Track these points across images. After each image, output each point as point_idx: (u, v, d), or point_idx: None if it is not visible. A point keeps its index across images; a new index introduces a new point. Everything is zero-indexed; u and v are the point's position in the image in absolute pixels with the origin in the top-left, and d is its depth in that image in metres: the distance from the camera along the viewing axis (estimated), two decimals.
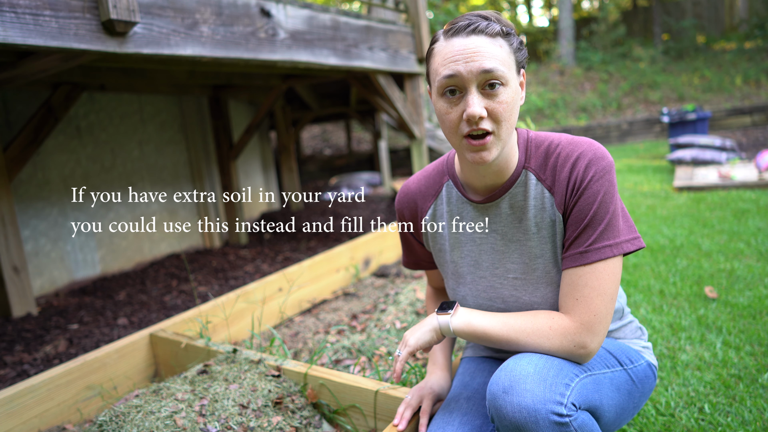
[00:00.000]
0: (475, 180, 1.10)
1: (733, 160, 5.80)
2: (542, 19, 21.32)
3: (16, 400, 1.59)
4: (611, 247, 0.97)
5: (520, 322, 1.00)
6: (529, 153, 1.08)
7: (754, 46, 11.72)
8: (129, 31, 2.10)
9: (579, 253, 0.99)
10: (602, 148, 1.02)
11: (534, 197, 1.06)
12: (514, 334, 1.00)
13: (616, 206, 0.99)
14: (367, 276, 3.18)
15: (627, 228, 1.00)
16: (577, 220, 1.00)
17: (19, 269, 3.01)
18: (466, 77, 0.95)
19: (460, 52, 0.96)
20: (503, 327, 1.01)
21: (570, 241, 1.00)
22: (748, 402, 1.55)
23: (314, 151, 11.67)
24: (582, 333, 0.97)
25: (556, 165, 1.03)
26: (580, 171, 0.99)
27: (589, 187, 0.98)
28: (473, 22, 0.97)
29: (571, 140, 1.04)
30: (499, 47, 0.97)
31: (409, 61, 4.05)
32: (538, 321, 1.00)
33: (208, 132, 4.89)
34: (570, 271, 1.00)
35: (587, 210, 0.98)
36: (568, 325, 0.97)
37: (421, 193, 1.23)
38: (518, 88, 1.01)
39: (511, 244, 1.10)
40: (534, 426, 0.88)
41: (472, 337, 1.04)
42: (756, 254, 2.85)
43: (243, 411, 1.43)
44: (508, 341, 1.00)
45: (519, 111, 1.05)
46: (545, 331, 0.98)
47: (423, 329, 1.07)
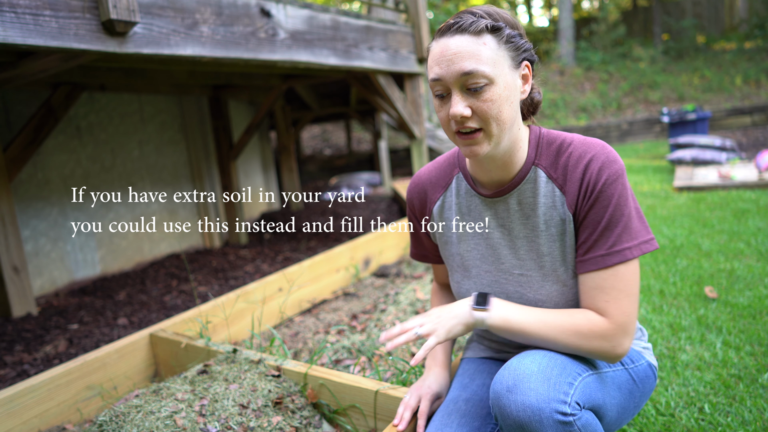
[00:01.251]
0: (482, 174, 1.11)
1: (733, 160, 5.79)
2: (542, 19, 21.34)
3: (16, 400, 1.59)
4: (631, 249, 0.98)
5: (560, 322, 0.99)
6: (540, 150, 1.08)
7: (754, 46, 11.72)
8: (129, 31, 2.10)
9: (600, 256, 0.99)
10: (613, 151, 1.02)
11: (544, 195, 1.06)
12: (552, 333, 0.99)
13: (630, 209, 0.99)
14: (367, 276, 3.18)
15: (644, 229, 1.00)
16: (593, 223, 1.00)
17: (19, 269, 3.01)
18: (448, 80, 0.97)
19: (442, 54, 0.97)
20: (542, 326, 0.99)
21: (589, 245, 1.00)
22: (748, 402, 1.55)
23: (314, 151, 11.67)
24: (619, 334, 0.97)
25: (567, 164, 1.03)
26: (593, 174, 0.99)
27: (604, 191, 0.98)
28: (458, 21, 0.97)
29: (584, 141, 1.04)
30: (483, 45, 0.95)
31: (409, 61, 4.05)
32: (577, 321, 0.99)
33: (208, 132, 4.89)
34: (593, 274, 1.00)
35: (603, 213, 0.98)
36: (607, 326, 0.97)
37: (431, 183, 1.23)
38: (513, 83, 0.99)
39: (518, 241, 1.10)
40: (538, 425, 0.88)
41: (505, 333, 1.02)
42: (756, 254, 2.85)
43: (243, 411, 1.43)
44: (545, 340, 0.99)
45: (540, 97, 1.06)
46: (585, 332, 0.98)
47: (455, 321, 1.02)
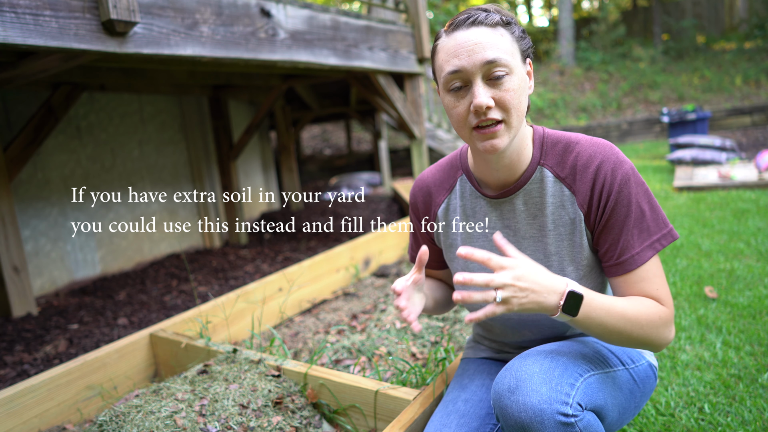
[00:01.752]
0: (488, 174, 1.10)
1: (733, 160, 5.79)
2: (542, 19, 21.34)
3: (16, 400, 1.60)
4: (660, 239, 1.00)
5: (635, 313, 0.95)
6: (545, 150, 1.08)
7: (754, 46, 11.73)
8: (129, 31, 2.10)
9: (637, 253, 1.00)
10: (620, 151, 1.03)
11: (552, 194, 1.06)
12: (629, 325, 0.95)
13: (650, 202, 1.01)
14: (367, 276, 3.18)
15: (663, 221, 1.02)
16: (618, 224, 1.00)
17: (19, 269, 3.01)
18: (470, 70, 0.96)
19: (462, 46, 0.97)
20: (620, 319, 0.94)
21: (622, 246, 1.00)
22: (748, 402, 1.55)
23: (314, 151, 11.67)
24: (673, 318, 1.01)
25: (576, 164, 1.04)
26: (607, 176, 1.00)
27: (622, 191, 0.99)
28: (472, 15, 0.98)
29: (591, 141, 1.05)
30: (501, 36, 0.97)
31: (409, 61, 4.05)
32: (649, 310, 0.97)
33: (208, 132, 4.89)
34: (632, 274, 1.01)
35: (626, 213, 0.99)
36: (667, 312, 1.00)
37: (436, 185, 1.23)
38: (525, 77, 1.01)
39: (524, 241, 1.10)
40: (539, 426, 0.87)
41: (582, 326, 0.94)
42: (756, 254, 2.85)
43: (243, 411, 1.43)
44: (620, 332, 0.95)
45: (528, 100, 1.06)
46: (656, 321, 0.98)
47: (539, 305, 0.88)
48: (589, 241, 1.05)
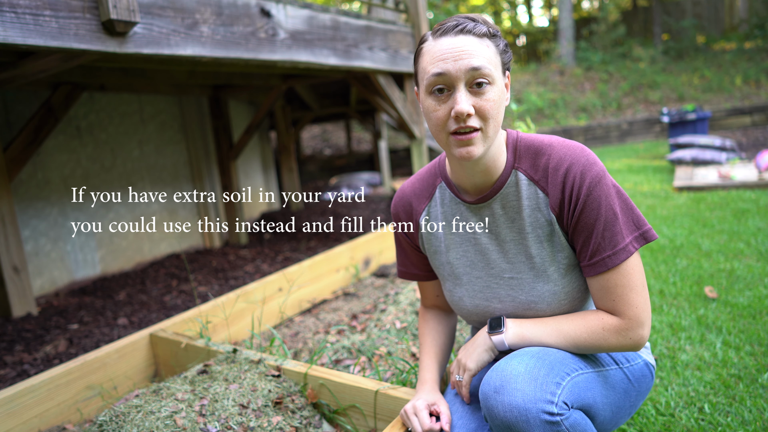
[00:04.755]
0: (464, 180, 1.12)
1: (733, 160, 5.80)
2: (542, 19, 21.33)
3: (16, 400, 1.60)
4: (626, 247, 0.99)
5: (574, 329, 1.03)
6: (519, 154, 1.09)
7: (754, 46, 11.73)
8: (129, 31, 2.10)
9: (602, 259, 1.00)
10: (592, 153, 1.04)
11: (527, 197, 1.07)
12: (572, 341, 1.03)
13: (617, 207, 1.00)
14: (367, 276, 3.18)
15: (636, 222, 1.01)
16: (586, 228, 1.01)
17: (19, 269, 3.01)
18: (454, 75, 0.97)
19: (449, 51, 0.98)
20: (559, 336, 1.04)
21: (591, 249, 1.01)
22: (748, 402, 1.55)
23: (314, 151, 11.67)
24: (633, 327, 1.00)
25: (548, 167, 1.05)
26: (575, 178, 1.01)
27: (590, 194, 0.99)
28: (461, 23, 1.00)
29: (563, 143, 1.06)
30: (486, 47, 0.99)
31: (409, 61, 4.05)
32: (590, 324, 1.03)
33: (208, 132, 4.89)
34: (597, 278, 1.02)
35: (594, 217, 1.00)
36: (618, 323, 1.01)
37: (415, 195, 1.24)
38: (504, 89, 1.03)
39: (505, 244, 1.11)
40: (525, 425, 0.88)
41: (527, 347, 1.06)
42: (756, 254, 2.85)
43: (243, 411, 1.43)
44: (566, 347, 1.04)
45: (504, 112, 1.07)
46: (600, 333, 1.01)
47: (479, 350, 1.09)
48: (569, 241, 1.06)
